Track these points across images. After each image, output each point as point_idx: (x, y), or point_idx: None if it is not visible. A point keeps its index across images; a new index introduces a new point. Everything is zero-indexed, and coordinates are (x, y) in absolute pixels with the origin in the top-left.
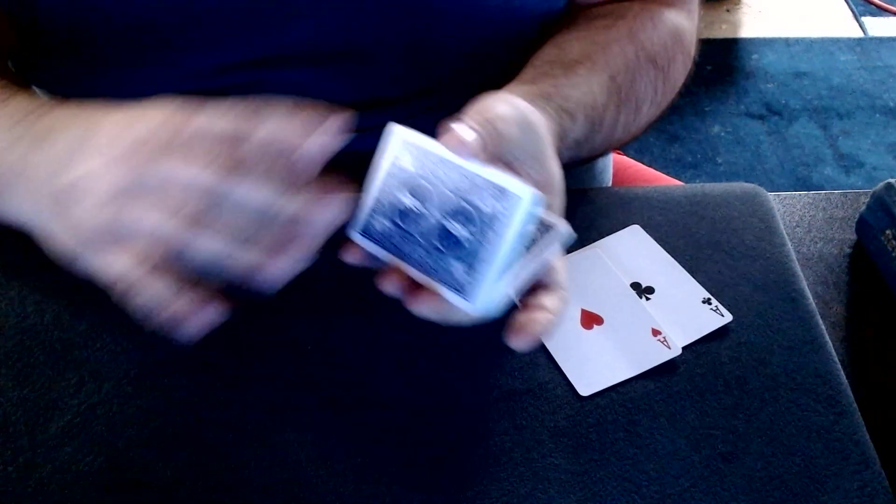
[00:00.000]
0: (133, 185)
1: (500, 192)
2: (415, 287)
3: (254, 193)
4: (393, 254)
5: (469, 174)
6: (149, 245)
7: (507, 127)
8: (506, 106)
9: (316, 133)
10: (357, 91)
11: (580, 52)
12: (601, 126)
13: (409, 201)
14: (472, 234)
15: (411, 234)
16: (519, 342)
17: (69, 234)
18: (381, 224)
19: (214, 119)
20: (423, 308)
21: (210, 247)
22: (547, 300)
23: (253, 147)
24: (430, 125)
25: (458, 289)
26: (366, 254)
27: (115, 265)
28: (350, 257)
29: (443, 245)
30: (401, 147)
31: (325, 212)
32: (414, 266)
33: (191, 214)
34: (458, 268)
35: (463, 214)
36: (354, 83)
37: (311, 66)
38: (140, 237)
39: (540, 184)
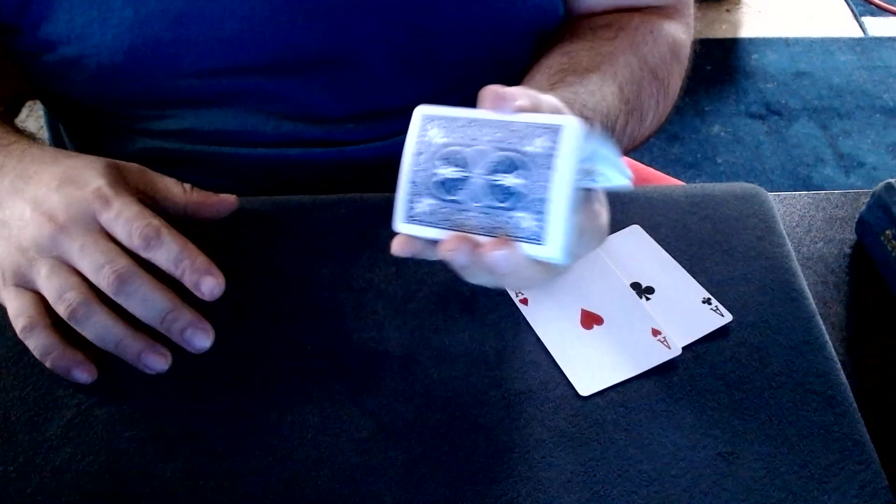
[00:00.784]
0: (47, 245)
1: (543, 129)
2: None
3: (135, 303)
4: (448, 230)
5: (504, 124)
6: (53, 299)
7: (548, 105)
8: (545, 95)
9: (208, 278)
10: (351, 102)
11: (589, 61)
12: (612, 136)
13: (446, 171)
14: (525, 178)
15: (460, 202)
16: None
17: None
18: (424, 204)
19: (127, 218)
20: (499, 257)
21: (97, 327)
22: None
23: (158, 260)
24: None
25: (532, 238)
26: (418, 242)
27: (13, 305)
28: (400, 250)
29: (498, 200)
30: (424, 123)
31: (198, 337)
32: (475, 232)
33: (86, 294)
34: (523, 217)
35: (509, 163)
36: (349, 94)
37: (303, 74)
38: (43, 292)
39: None
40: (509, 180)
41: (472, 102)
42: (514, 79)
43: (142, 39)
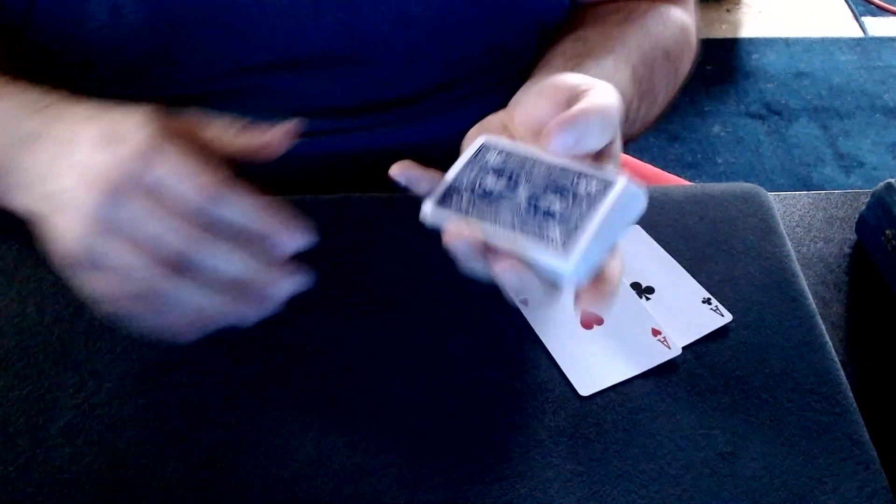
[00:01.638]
0: (104, 217)
1: (597, 180)
2: (490, 252)
3: (217, 264)
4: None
5: (561, 166)
6: (122, 279)
7: (594, 125)
8: (592, 104)
9: (288, 230)
10: (361, 95)
11: (602, 46)
12: (627, 119)
13: (493, 183)
14: (567, 206)
15: (497, 206)
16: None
17: (55, 244)
18: (460, 197)
19: (185, 176)
20: (507, 271)
21: (179, 295)
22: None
23: (223, 222)
24: (433, 126)
25: (553, 246)
26: (416, 170)
27: (90, 287)
28: (398, 172)
29: (534, 213)
30: (483, 149)
31: (285, 283)
32: (500, 228)
33: (159, 263)
34: (552, 227)
35: (555, 192)
36: (359, 88)
37: (313, 69)
38: (114, 270)
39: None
40: (551, 202)
41: (479, 92)
42: (522, 71)
43: (153, 42)
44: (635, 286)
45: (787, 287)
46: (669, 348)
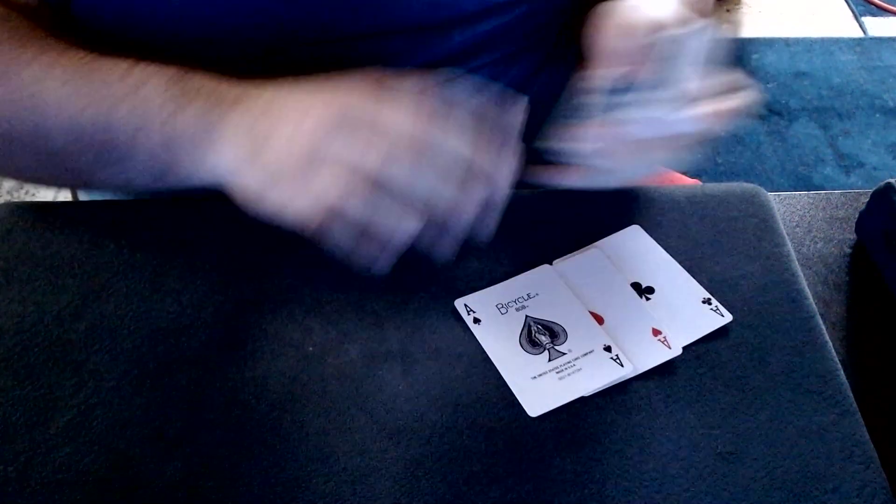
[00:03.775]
0: (335, 120)
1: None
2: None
3: (427, 190)
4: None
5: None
6: (342, 176)
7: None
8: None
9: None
10: (431, 55)
11: None
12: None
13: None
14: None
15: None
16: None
17: (261, 172)
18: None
19: (410, 112)
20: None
21: (383, 209)
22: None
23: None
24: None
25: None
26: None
27: (297, 198)
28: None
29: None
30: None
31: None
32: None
33: (390, 154)
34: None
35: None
36: (429, 49)
37: (406, 36)
38: (336, 167)
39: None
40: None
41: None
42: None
43: (262, 12)
44: (635, 286)
45: (787, 287)
46: (669, 348)
